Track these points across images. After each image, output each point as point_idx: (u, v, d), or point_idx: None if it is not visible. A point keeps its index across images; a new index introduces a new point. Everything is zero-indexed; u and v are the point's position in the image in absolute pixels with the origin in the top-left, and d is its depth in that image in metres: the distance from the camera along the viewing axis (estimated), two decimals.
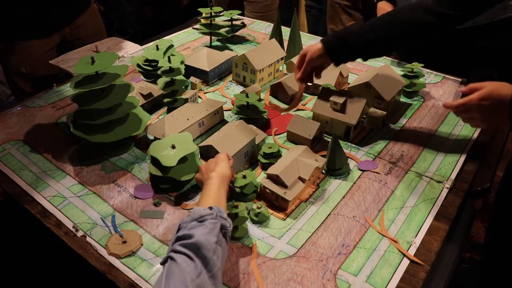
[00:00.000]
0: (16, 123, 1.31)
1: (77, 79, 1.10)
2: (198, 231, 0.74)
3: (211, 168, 0.95)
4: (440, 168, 1.13)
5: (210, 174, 0.92)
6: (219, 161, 0.96)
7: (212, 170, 0.93)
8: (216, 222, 0.77)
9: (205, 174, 0.95)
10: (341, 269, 0.88)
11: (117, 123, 1.14)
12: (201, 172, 0.98)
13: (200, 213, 0.78)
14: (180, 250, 0.71)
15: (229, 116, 1.34)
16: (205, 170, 0.96)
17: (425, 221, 0.98)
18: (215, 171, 0.92)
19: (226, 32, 1.78)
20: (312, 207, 1.02)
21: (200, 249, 0.71)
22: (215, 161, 0.97)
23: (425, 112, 1.36)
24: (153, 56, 1.47)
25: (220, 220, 0.79)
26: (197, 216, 0.78)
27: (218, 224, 0.77)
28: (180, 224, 0.78)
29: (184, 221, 0.78)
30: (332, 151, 1.09)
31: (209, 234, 0.74)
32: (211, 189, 0.88)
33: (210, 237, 0.74)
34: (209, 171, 0.94)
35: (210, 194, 0.87)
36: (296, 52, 1.60)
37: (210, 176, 0.91)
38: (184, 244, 0.72)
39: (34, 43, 1.58)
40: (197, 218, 0.77)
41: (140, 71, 1.50)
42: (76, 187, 1.08)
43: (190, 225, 0.76)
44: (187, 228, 0.76)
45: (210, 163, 0.98)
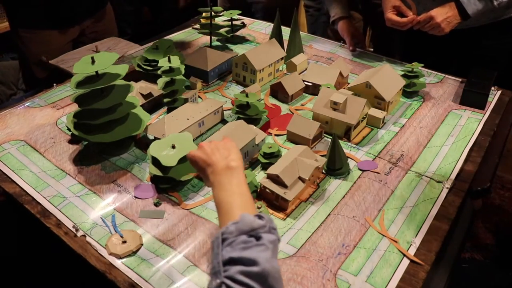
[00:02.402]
0: (16, 123, 1.31)
1: (77, 79, 1.10)
2: (261, 255, 0.60)
3: (223, 154, 0.79)
4: (440, 168, 1.13)
5: (231, 163, 0.76)
6: (232, 148, 0.81)
7: (227, 157, 0.78)
8: (274, 240, 0.64)
9: (220, 160, 0.78)
10: (341, 269, 0.88)
11: (117, 123, 1.14)
12: (205, 153, 0.81)
13: (251, 224, 0.64)
14: (242, 281, 0.58)
15: (229, 116, 1.34)
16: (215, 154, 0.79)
17: (425, 221, 0.98)
18: (235, 160, 0.76)
19: (226, 32, 1.78)
20: (312, 207, 1.02)
21: (267, 280, 0.59)
22: (226, 146, 0.81)
23: (425, 112, 1.36)
24: (153, 56, 1.47)
25: (275, 234, 0.65)
26: (247, 228, 0.63)
27: (276, 242, 0.65)
28: (223, 233, 0.64)
29: (229, 230, 0.64)
30: (332, 151, 1.09)
31: (273, 258, 0.62)
32: (242, 184, 0.73)
33: (275, 263, 0.61)
34: (221, 157, 0.78)
35: (244, 192, 0.73)
36: (296, 52, 1.60)
37: (232, 166, 0.76)
38: (248, 273, 0.58)
39: (54, 33, 1.63)
40: (248, 231, 0.63)
41: (140, 71, 1.50)
42: (76, 187, 1.08)
43: (242, 241, 0.62)
44: (240, 246, 0.61)
45: (218, 146, 0.81)
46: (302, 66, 1.57)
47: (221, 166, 0.77)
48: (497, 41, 1.54)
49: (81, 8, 1.65)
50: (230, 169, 0.75)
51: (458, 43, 1.55)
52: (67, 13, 1.61)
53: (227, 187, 0.73)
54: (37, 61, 1.61)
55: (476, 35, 1.53)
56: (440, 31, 1.41)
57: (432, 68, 1.58)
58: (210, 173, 0.78)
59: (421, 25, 1.42)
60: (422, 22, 1.42)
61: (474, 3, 1.36)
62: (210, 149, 0.81)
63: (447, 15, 1.38)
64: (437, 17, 1.38)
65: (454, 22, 1.39)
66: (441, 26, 1.39)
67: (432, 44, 1.62)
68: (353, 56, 1.70)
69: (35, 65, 1.65)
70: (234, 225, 0.64)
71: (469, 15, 1.37)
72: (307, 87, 1.45)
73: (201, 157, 0.81)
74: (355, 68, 1.61)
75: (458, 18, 1.39)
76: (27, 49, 1.64)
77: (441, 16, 1.38)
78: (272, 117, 1.34)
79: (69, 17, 1.63)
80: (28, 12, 1.57)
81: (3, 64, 2.70)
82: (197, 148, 0.85)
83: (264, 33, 1.90)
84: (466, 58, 1.59)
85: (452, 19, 1.39)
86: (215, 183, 0.76)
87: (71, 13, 1.63)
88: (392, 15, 1.47)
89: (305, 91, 1.46)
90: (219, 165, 0.77)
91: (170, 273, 0.87)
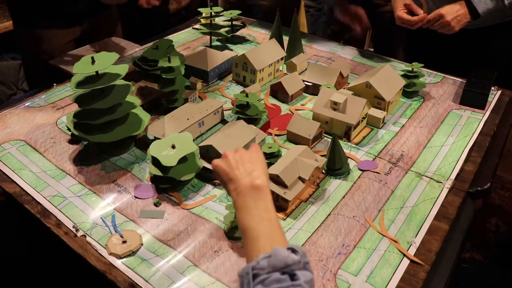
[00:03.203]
0: (16, 123, 1.31)
1: (77, 79, 1.10)
2: None
3: (248, 168, 0.72)
4: (440, 168, 1.13)
5: (256, 181, 0.70)
6: (258, 161, 0.75)
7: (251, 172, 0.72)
8: (310, 280, 0.59)
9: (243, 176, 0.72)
10: (341, 269, 0.88)
11: (117, 123, 1.14)
12: (228, 164, 0.75)
13: (285, 260, 0.59)
14: None
15: (229, 116, 1.34)
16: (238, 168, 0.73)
17: (425, 221, 0.98)
18: (260, 177, 0.70)
19: (226, 32, 1.78)
20: (312, 207, 1.02)
21: None
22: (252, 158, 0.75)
23: (425, 112, 1.36)
24: (153, 56, 1.47)
25: (309, 271, 0.60)
26: (281, 264, 0.58)
27: (312, 282, 0.59)
28: (254, 269, 0.59)
29: (261, 266, 0.59)
30: (332, 151, 1.09)
31: None
32: (269, 208, 0.67)
33: None
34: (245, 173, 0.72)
35: (272, 217, 0.67)
36: (296, 52, 1.60)
37: (258, 184, 0.70)
38: None
39: (56, 32, 1.62)
40: (282, 268, 0.58)
41: (140, 71, 1.50)
42: (76, 187, 1.08)
43: (275, 279, 0.57)
44: (274, 286, 0.57)
45: (243, 158, 0.75)
46: (302, 66, 1.57)
47: (245, 184, 0.71)
48: (503, 41, 1.54)
49: (83, 8, 1.64)
50: (255, 189, 0.69)
51: (465, 44, 1.55)
52: (69, 13, 1.61)
53: (254, 211, 0.68)
54: (39, 59, 1.61)
55: (483, 35, 1.53)
56: (450, 30, 1.40)
57: (432, 68, 1.58)
58: (233, 190, 0.72)
59: (431, 23, 1.42)
60: (431, 21, 1.41)
61: (484, 2, 1.35)
62: (235, 161, 0.75)
63: (457, 14, 1.38)
64: (447, 15, 1.38)
65: (464, 20, 1.39)
66: (451, 24, 1.38)
67: (438, 44, 1.62)
68: (353, 56, 1.70)
69: (36, 63, 1.65)
70: (266, 259, 0.59)
71: (479, 14, 1.37)
72: (307, 87, 1.45)
73: (224, 169, 0.75)
74: (355, 68, 1.61)
75: (468, 17, 1.39)
76: (30, 48, 1.64)
77: (451, 14, 1.38)
78: (272, 117, 1.34)
79: (71, 16, 1.63)
80: (31, 11, 1.57)
81: (3, 64, 2.70)
82: (222, 157, 0.79)
83: (264, 33, 1.90)
84: (466, 58, 1.59)
85: (462, 17, 1.38)
86: (239, 205, 0.70)
87: (74, 12, 1.63)
88: (403, 13, 1.46)
89: (305, 91, 1.46)
90: (243, 182, 0.71)
91: (170, 273, 0.87)
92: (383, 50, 1.83)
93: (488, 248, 1.91)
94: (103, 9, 1.75)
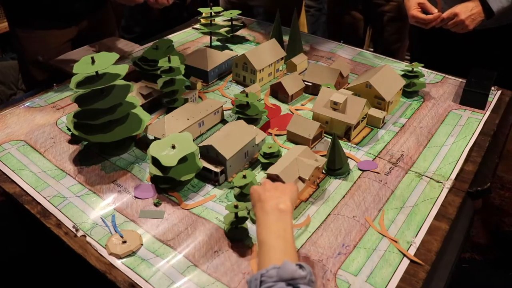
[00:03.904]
0: (16, 123, 1.31)
1: (77, 79, 1.10)
2: None
3: (276, 194, 0.81)
4: (440, 168, 1.13)
5: (281, 205, 0.78)
6: (288, 192, 0.83)
7: (278, 197, 0.80)
8: None
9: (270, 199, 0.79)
10: (341, 269, 0.88)
11: (117, 123, 1.14)
12: (263, 188, 0.84)
13: (292, 273, 0.64)
14: None
15: (229, 116, 1.34)
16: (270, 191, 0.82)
17: (425, 221, 0.98)
18: (285, 203, 0.78)
19: (226, 32, 1.78)
20: (312, 207, 1.02)
21: None
22: (284, 189, 0.84)
23: (425, 112, 1.36)
24: (152, 56, 1.47)
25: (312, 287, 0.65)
26: (288, 276, 0.64)
27: None
28: (262, 275, 0.64)
29: (269, 274, 0.64)
30: (332, 151, 1.09)
31: None
32: (288, 230, 0.74)
33: None
34: (273, 197, 0.80)
35: (289, 238, 0.73)
36: (296, 52, 1.60)
37: (281, 208, 0.77)
38: None
39: (52, 33, 1.61)
40: (288, 279, 0.63)
41: (140, 71, 1.50)
42: (76, 187, 1.08)
43: None
44: None
45: (277, 187, 0.85)
46: (302, 66, 1.57)
47: (270, 205, 0.78)
48: (503, 42, 1.54)
49: (79, 8, 1.64)
50: (279, 211, 0.76)
51: (465, 44, 1.55)
52: (65, 13, 1.61)
53: (273, 229, 0.74)
54: (35, 60, 1.61)
55: (484, 35, 1.53)
56: (464, 29, 1.40)
57: (432, 68, 1.58)
58: (259, 208, 0.79)
59: (445, 22, 1.41)
60: (446, 19, 1.41)
61: (499, 0, 1.35)
62: (269, 186, 0.84)
63: (471, 12, 1.37)
64: (462, 14, 1.37)
65: (478, 19, 1.38)
66: (465, 23, 1.38)
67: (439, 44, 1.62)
68: (353, 56, 1.70)
69: (33, 65, 1.65)
70: (275, 270, 0.64)
71: (493, 12, 1.37)
72: (307, 87, 1.45)
73: (258, 191, 0.84)
74: (355, 68, 1.61)
75: (482, 15, 1.38)
76: (25, 49, 1.63)
77: (466, 13, 1.37)
78: (272, 117, 1.34)
79: (67, 17, 1.63)
80: (26, 11, 1.57)
81: (3, 64, 2.70)
82: (262, 183, 0.88)
83: (264, 33, 1.90)
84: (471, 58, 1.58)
85: (477, 16, 1.38)
86: (261, 221, 0.77)
87: (70, 12, 1.62)
88: (417, 12, 1.45)
89: (305, 91, 1.46)
90: (269, 203, 0.79)
91: (170, 273, 0.87)
92: (383, 50, 1.83)
93: (488, 248, 1.91)
94: (99, 9, 1.75)
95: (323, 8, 2.41)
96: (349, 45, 1.79)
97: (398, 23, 1.95)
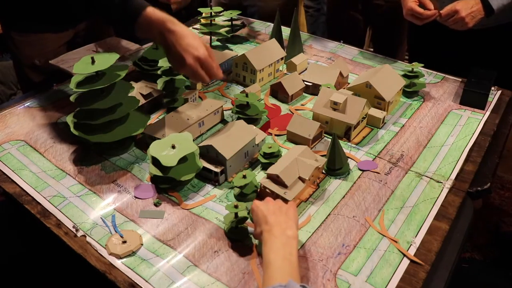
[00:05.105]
0: (16, 123, 1.31)
1: (77, 79, 1.10)
2: None
3: (282, 219, 0.84)
4: (440, 168, 1.13)
5: (288, 231, 0.82)
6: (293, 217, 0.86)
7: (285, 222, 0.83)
8: None
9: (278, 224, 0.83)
10: (341, 269, 0.88)
11: (117, 123, 1.14)
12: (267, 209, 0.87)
13: None
14: None
15: (229, 116, 1.34)
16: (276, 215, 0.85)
17: (425, 221, 0.98)
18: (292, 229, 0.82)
19: (226, 32, 1.78)
20: (312, 207, 1.02)
21: None
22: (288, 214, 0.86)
23: (425, 112, 1.36)
24: (152, 56, 1.47)
25: None
26: None
27: None
28: None
29: None
30: (332, 151, 1.09)
31: None
32: (294, 255, 0.78)
33: None
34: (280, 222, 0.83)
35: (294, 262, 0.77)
36: (296, 52, 1.60)
37: (289, 235, 0.81)
38: None
39: (49, 36, 1.59)
40: None
41: (140, 71, 1.50)
42: (76, 187, 1.08)
43: None
44: None
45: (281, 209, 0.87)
46: (302, 66, 1.57)
47: (279, 230, 0.82)
48: (503, 41, 1.54)
49: (76, 11, 1.62)
50: (286, 237, 0.81)
51: (465, 44, 1.55)
52: (62, 16, 1.59)
53: (280, 252, 0.79)
54: (31, 64, 1.60)
55: (484, 35, 1.53)
56: (463, 26, 1.40)
57: (432, 68, 1.58)
58: (267, 231, 0.83)
59: (445, 18, 1.42)
60: (445, 16, 1.41)
61: None
62: (273, 208, 0.87)
63: (471, 9, 1.37)
64: (462, 11, 1.37)
65: (478, 17, 1.38)
66: (465, 20, 1.38)
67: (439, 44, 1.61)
68: (353, 56, 1.70)
69: (29, 68, 1.62)
70: (281, 287, 0.70)
71: (493, 10, 1.37)
72: (307, 87, 1.45)
73: (263, 212, 0.87)
74: (355, 68, 1.61)
75: (482, 13, 1.38)
76: (21, 52, 1.61)
77: (466, 10, 1.37)
78: (272, 117, 1.34)
79: (64, 20, 1.61)
80: (21, 15, 1.54)
81: (3, 64, 2.71)
82: (264, 201, 0.91)
83: (264, 33, 1.90)
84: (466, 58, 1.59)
85: (477, 13, 1.38)
86: (268, 243, 0.81)
87: (66, 15, 1.61)
88: (415, 5, 1.45)
89: (305, 91, 1.46)
90: (277, 228, 0.83)
91: (170, 273, 0.87)
92: (383, 50, 1.83)
93: (488, 248, 1.91)
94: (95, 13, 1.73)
95: (321, 8, 2.41)
96: (349, 45, 1.79)
97: (398, 23, 1.95)
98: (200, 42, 1.12)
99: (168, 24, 1.11)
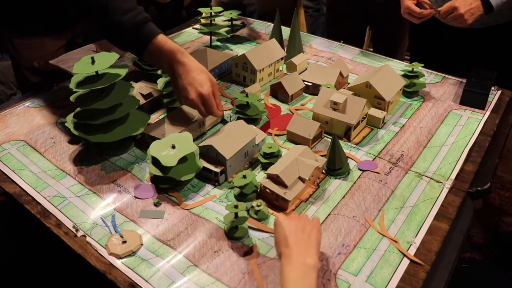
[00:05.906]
0: (16, 123, 1.31)
1: (77, 79, 1.10)
2: None
3: (304, 243, 0.81)
4: (440, 168, 1.13)
5: (308, 260, 0.78)
6: (315, 241, 0.82)
7: (307, 248, 0.80)
8: None
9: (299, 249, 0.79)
10: (341, 269, 0.88)
11: (117, 123, 1.14)
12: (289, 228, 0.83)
13: None
14: None
15: (229, 116, 1.34)
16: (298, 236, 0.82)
17: (425, 221, 0.98)
18: (313, 257, 0.78)
19: (226, 32, 1.78)
20: (312, 207, 1.02)
21: None
22: (310, 237, 0.82)
23: (425, 112, 1.36)
24: None
25: None
26: None
27: None
28: None
29: None
30: (332, 151, 1.09)
31: None
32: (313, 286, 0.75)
33: None
34: (301, 247, 0.80)
35: None
36: (296, 52, 1.60)
37: (309, 263, 0.77)
38: None
39: (47, 39, 1.59)
40: None
41: (140, 71, 1.50)
42: (76, 187, 1.08)
43: None
44: None
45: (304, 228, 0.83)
46: (302, 66, 1.57)
47: (298, 258, 0.78)
48: (503, 41, 1.54)
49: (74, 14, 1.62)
50: (305, 266, 0.77)
51: (465, 44, 1.55)
52: (60, 19, 1.58)
53: (299, 281, 0.75)
54: (30, 66, 1.59)
55: (484, 35, 1.53)
56: (462, 23, 1.41)
57: (432, 68, 1.58)
58: (286, 255, 0.79)
59: (444, 15, 1.42)
60: (445, 13, 1.42)
61: None
62: (295, 227, 0.83)
63: (470, 6, 1.38)
64: (461, 8, 1.38)
65: (477, 14, 1.39)
66: (464, 17, 1.39)
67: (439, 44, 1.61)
68: (353, 56, 1.70)
69: (28, 70, 1.61)
70: None
71: (492, 7, 1.37)
72: (307, 87, 1.45)
73: (284, 231, 0.82)
74: (355, 68, 1.61)
75: (481, 10, 1.39)
76: (20, 55, 1.60)
77: (465, 7, 1.38)
78: (272, 117, 1.34)
79: (62, 22, 1.59)
80: (19, 19, 1.53)
81: (3, 64, 2.70)
82: (289, 217, 0.87)
83: (264, 33, 1.90)
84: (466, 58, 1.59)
85: (476, 10, 1.39)
86: (287, 271, 0.77)
87: (64, 18, 1.60)
88: (412, 5, 1.46)
89: (305, 91, 1.46)
90: (297, 254, 0.79)
91: (170, 273, 0.87)
92: (383, 50, 1.83)
93: (488, 248, 1.91)
94: None
95: (321, 9, 2.41)
96: (349, 45, 1.79)
97: (398, 23, 1.95)
98: (206, 78, 1.13)
99: (178, 55, 1.12)
